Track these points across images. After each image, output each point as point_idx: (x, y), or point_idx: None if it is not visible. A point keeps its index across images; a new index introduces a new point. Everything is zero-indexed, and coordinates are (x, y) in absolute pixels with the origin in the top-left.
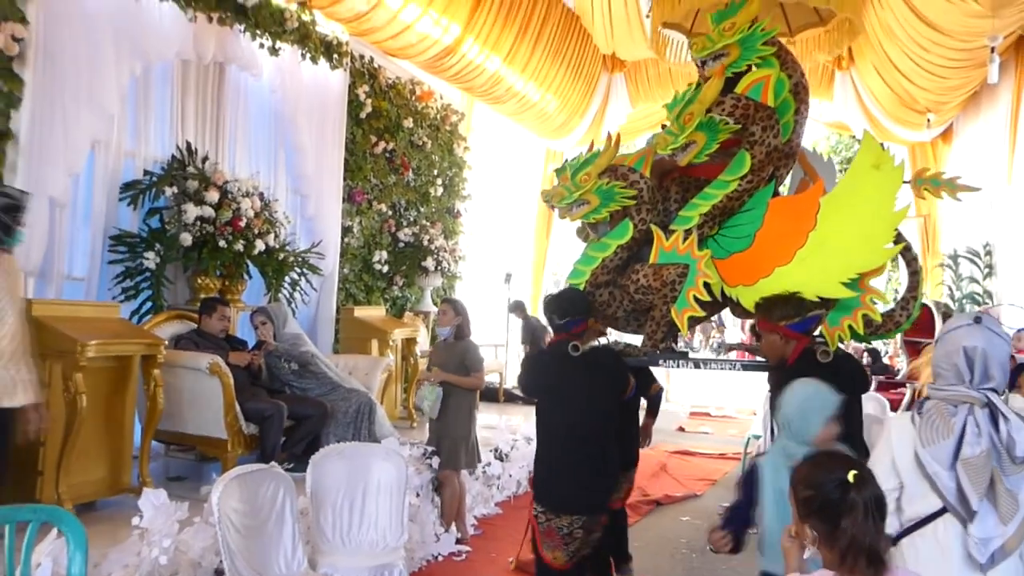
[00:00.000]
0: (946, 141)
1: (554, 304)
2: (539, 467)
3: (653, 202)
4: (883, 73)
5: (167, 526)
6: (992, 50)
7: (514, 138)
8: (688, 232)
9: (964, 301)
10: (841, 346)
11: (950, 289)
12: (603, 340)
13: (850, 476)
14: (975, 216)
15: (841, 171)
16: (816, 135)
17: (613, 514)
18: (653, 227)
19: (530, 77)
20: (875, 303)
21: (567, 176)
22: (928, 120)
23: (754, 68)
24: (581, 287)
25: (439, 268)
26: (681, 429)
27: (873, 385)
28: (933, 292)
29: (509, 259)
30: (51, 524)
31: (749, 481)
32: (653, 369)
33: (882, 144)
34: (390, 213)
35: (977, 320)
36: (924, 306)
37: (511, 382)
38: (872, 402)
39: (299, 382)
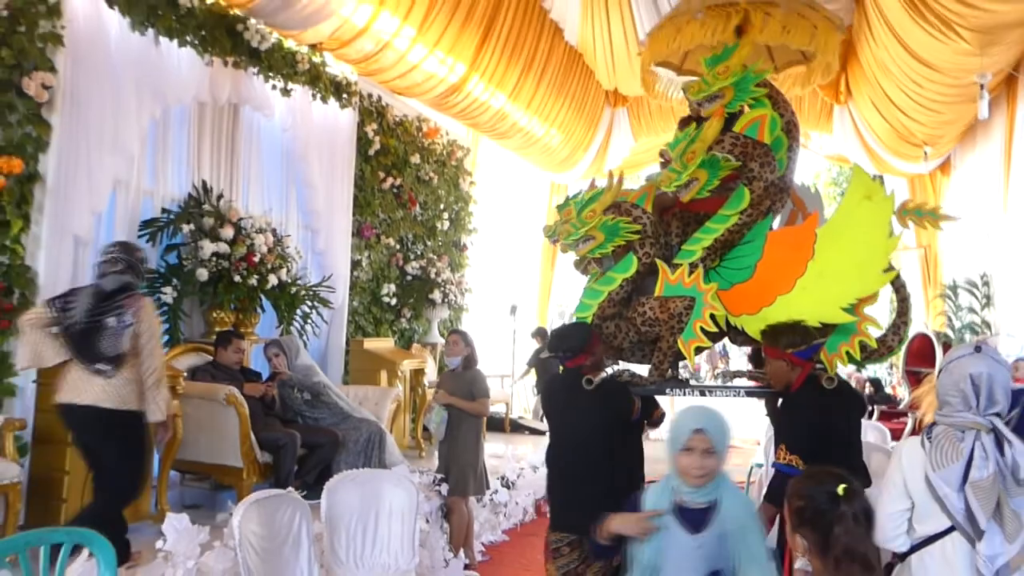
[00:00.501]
0: (945, 173)
1: (552, 340)
2: (547, 483)
3: (656, 236)
4: (880, 107)
5: (190, 549)
6: (981, 87)
7: (519, 172)
8: (694, 266)
9: (964, 331)
10: (840, 374)
11: (949, 319)
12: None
13: (840, 489)
14: (974, 246)
15: (836, 201)
16: (817, 167)
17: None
18: (658, 261)
19: (534, 113)
20: (870, 329)
21: (570, 211)
22: (925, 153)
23: (748, 108)
24: (588, 320)
25: (446, 300)
26: None
27: (875, 415)
28: (934, 322)
29: (515, 291)
30: (82, 546)
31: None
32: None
33: (881, 177)
34: (398, 247)
35: (978, 349)
36: (924, 336)
37: (517, 412)
38: (873, 431)
39: (311, 412)
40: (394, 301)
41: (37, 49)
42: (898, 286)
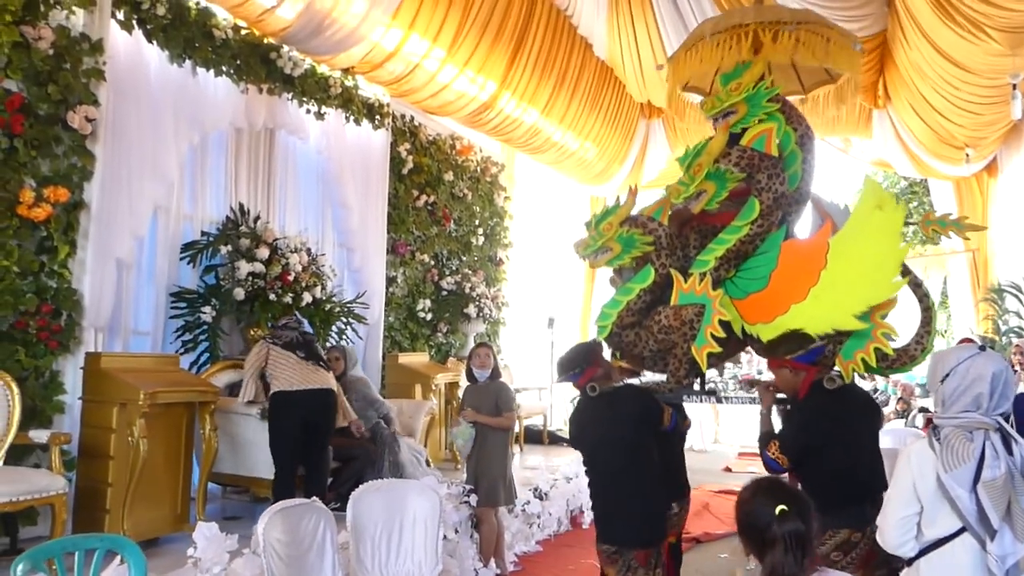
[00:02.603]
0: (992, 175)
1: (558, 367)
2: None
3: (672, 248)
4: (918, 110)
5: (218, 556)
6: (1014, 87)
7: (558, 185)
8: (704, 274)
9: (1009, 334)
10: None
11: (995, 323)
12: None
13: (777, 510)
14: (1023, 249)
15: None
16: (861, 173)
17: (668, 547)
18: (672, 271)
19: (568, 127)
20: (887, 337)
21: (592, 227)
22: (967, 155)
23: (758, 123)
24: (608, 328)
25: (481, 315)
26: (728, 469)
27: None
28: (982, 326)
29: (555, 304)
30: (115, 552)
31: None
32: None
33: (922, 179)
34: (433, 263)
35: (982, 348)
36: (970, 341)
37: (555, 424)
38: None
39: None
40: (430, 316)
41: (81, 84)
42: (921, 296)
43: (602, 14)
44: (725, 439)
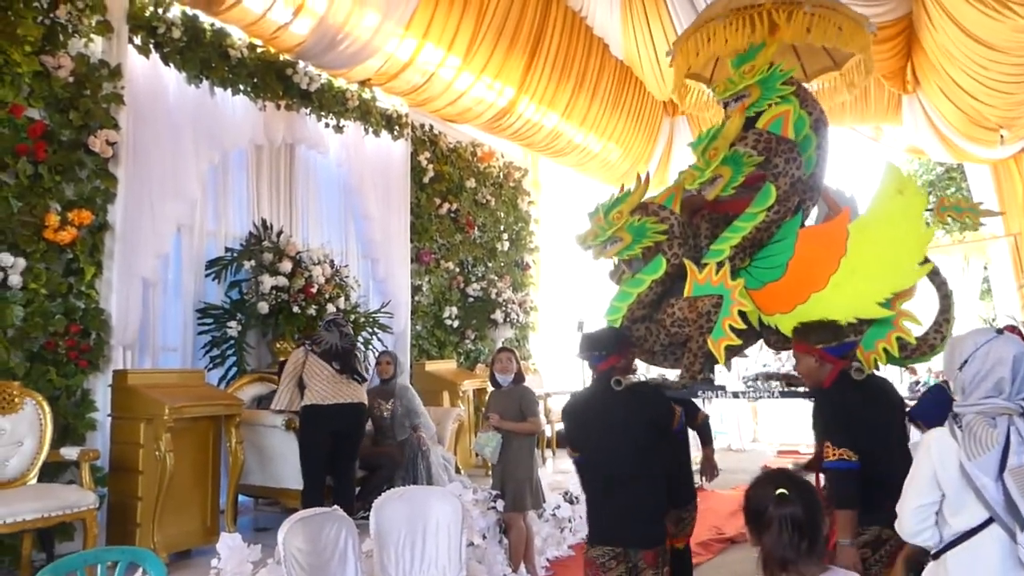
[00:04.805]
0: None
1: (584, 342)
2: (586, 499)
3: (684, 237)
4: (948, 93)
5: (241, 566)
6: None
7: (584, 187)
8: (720, 264)
9: None
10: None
11: None
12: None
13: (776, 493)
14: None
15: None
16: (895, 162)
17: (676, 553)
18: (686, 261)
19: (590, 129)
20: (909, 325)
21: (600, 216)
22: (1001, 136)
23: (773, 105)
24: (618, 323)
25: (508, 320)
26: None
27: None
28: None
29: (585, 307)
30: (137, 564)
31: None
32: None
33: (958, 165)
34: (458, 270)
35: (999, 331)
36: (1014, 327)
37: None
38: None
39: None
40: (457, 323)
41: (101, 109)
42: (938, 283)
43: (616, 13)
44: (764, 437)
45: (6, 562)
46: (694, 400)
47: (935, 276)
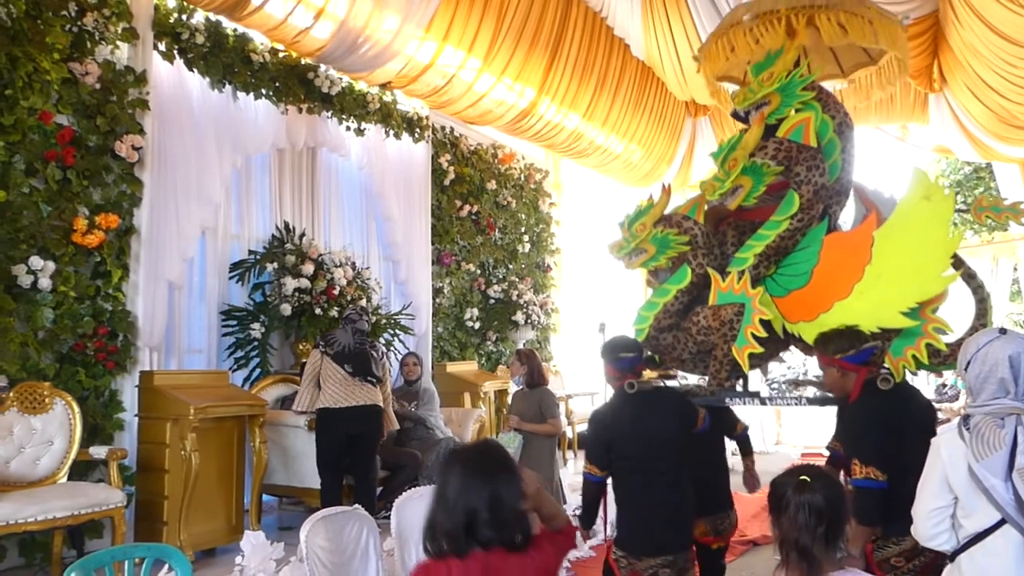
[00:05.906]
0: None
1: (615, 346)
2: (619, 511)
3: (708, 247)
4: (976, 92)
5: (264, 563)
6: None
7: (606, 188)
8: (742, 272)
9: None
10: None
11: None
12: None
13: (798, 479)
14: None
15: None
16: (922, 161)
17: (711, 554)
18: (710, 270)
19: (611, 130)
20: (940, 332)
21: (625, 229)
22: None
23: (794, 113)
24: (646, 332)
25: (529, 321)
26: None
27: None
28: None
29: (608, 309)
30: (163, 561)
31: None
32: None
33: (987, 164)
34: (479, 272)
35: (1003, 331)
36: None
37: None
38: None
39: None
40: (478, 325)
41: (127, 115)
42: (975, 287)
43: (637, 14)
44: (787, 440)
45: (38, 559)
46: (733, 410)
47: (971, 279)
